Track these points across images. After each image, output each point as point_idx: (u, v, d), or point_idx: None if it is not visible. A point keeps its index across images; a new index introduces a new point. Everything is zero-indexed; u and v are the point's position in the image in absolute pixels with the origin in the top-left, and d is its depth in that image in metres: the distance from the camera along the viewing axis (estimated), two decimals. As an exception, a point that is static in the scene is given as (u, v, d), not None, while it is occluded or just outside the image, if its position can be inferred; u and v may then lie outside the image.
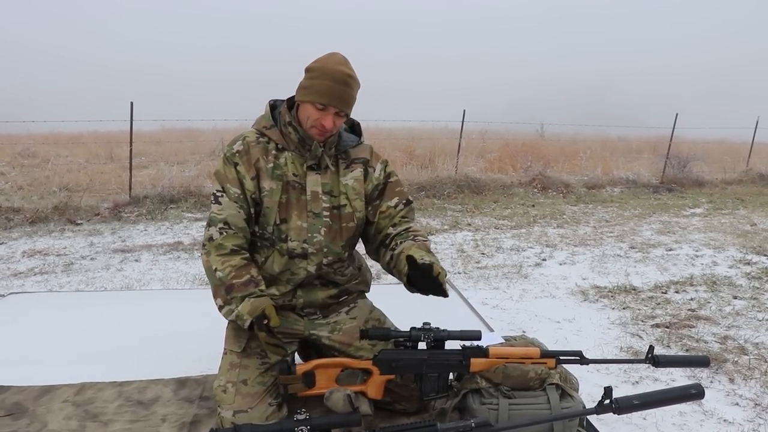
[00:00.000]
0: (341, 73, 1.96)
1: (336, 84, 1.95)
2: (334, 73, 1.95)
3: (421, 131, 14.54)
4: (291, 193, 2.05)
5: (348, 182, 2.12)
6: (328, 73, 1.95)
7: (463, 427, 1.53)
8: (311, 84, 1.97)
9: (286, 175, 2.05)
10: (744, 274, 5.06)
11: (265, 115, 2.13)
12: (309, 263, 2.07)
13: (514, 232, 6.91)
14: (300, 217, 2.05)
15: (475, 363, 1.93)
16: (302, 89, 2.00)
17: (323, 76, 1.95)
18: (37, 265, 5.19)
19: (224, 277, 1.93)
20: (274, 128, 2.09)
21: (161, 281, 4.71)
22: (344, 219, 2.10)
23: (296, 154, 2.07)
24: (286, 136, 2.07)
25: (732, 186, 11.89)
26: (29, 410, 2.14)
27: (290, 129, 2.04)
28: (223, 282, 1.93)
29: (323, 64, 1.98)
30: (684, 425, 2.55)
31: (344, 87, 1.96)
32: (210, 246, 1.99)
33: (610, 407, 1.60)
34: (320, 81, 1.95)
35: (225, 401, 1.95)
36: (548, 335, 3.51)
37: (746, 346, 3.41)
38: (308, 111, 1.98)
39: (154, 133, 15.17)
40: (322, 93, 1.94)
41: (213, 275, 1.95)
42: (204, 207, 8.06)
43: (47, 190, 8.97)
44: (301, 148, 2.06)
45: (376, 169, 2.18)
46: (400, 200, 2.19)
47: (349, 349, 2.13)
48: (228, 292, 1.92)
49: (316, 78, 1.96)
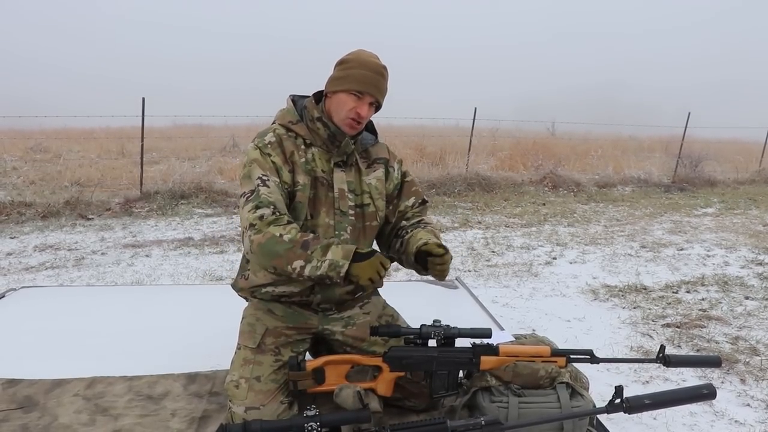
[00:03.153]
0: (377, 64, 2.00)
1: (372, 73, 1.98)
2: (370, 64, 1.99)
3: (432, 129, 14.52)
4: (319, 189, 2.04)
5: (371, 182, 2.12)
6: (364, 63, 1.98)
7: (472, 425, 1.53)
8: (347, 74, 1.98)
9: (315, 171, 2.04)
10: (756, 274, 5.02)
11: (289, 110, 2.12)
12: None
13: (525, 230, 6.89)
14: (328, 215, 2.04)
15: (485, 361, 1.93)
16: (336, 80, 2.01)
17: (359, 66, 1.98)
18: (48, 260, 5.22)
19: (293, 237, 1.84)
20: (301, 123, 2.08)
21: (171, 276, 4.72)
22: (368, 218, 2.11)
23: (323, 151, 2.06)
24: (313, 132, 2.06)
25: (744, 186, 11.81)
26: (40, 403, 2.16)
27: (319, 124, 2.04)
28: (296, 241, 1.83)
29: (357, 56, 2.01)
30: (695, 425, 2.53)
31: (380, 77, 2.00)
32: (261, 223, 1.86)
33: (620, 406, 1.59)
34: (357, 70, 1.97)
35: (237, 397, 1.94)
36: (558, 334, 3.50)
37: (758, 347, 3.39)
38: (342, 100, 1.99)
39: (166, 129, 15.23)
40: (360, 81, 1.96)
41: (278, 242, 1.83)
42: (215, 203, 8.09)
43: (59, 185, 9.03)
44: (330, 144, 2.05)
45: (395, 168, 2.22)
46: (417, 200, 2.24)
47: (362, 345, 2.13)
48: (305, 247, 1.82)
49: (351, 68, 1.98)
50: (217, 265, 5.03)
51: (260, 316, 2.12)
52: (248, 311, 2.18)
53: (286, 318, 2.11)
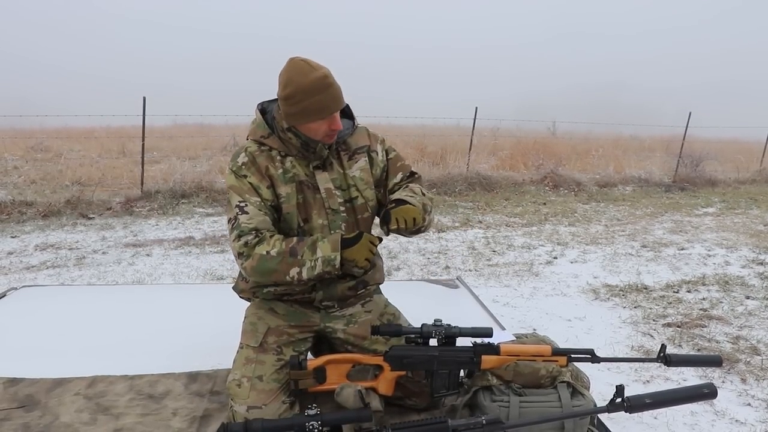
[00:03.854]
0: (318, 81, 1.89)
1: (324, 94, 1.90)
2: (314, 87, 1.88)
3: (433, 128, 14.51)
4: (306, 192, 2.04)
5: (355, 174, 2.11)
6: (308, 89, 1.88)
7: (473, 423, 1.53)
8: (302, 108, 1.91)
9: (298, 176, 2.03)
10: (757, 274, 5.02)
11: (259, 124, 2.08)
12: None
13: (526, 230, 6.90)
14: (320, 216, 2.04)
15: (486, 360, 1.93)
16: (294, 116, 1.94)
17: (307, 95, 1.89)
18: (49, 259, 5.22)
19: (280, 249, 1.88)
20: (273, 136, 2.05)
21: (172, 276, 4.73)
22: (358, 211, 2.10)
23: (299, 158, 2.06)
24: (286, 142, 2.03)
25: (745, 185, 11.81)
26: (41, 402, 2.16)
27: (290, 134, 2.00)
28: (283, 252, 1.87)
29: (297, 85, 1.89)
30: (695, 425, 2.53)
31: (331, 89, 1.91)
32: (248, 249, 1.89)
33: (621, 406, 1.59)
34: (308, 101, 1.89)
35: (239, 396, 1.94)
36: (559, 333, 3.50)
37: (759, 347, 3.39)
38: (313, 128, 1.95)
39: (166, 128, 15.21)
40: (320, 109, 1.91)
41: (267, 259, 1.87)
42: (216, 202, 8.09)
43: (60, 185, 9.03)
44: (305, 152, 2.03)
45: (378, 152, 2.19)
46: (404, 174, 2.21)
47: (363, 343, 2.13)
48: (294, 254, 1.87)
49: (301, 101, 1.90)
50: (218, 265, 5.03)
51: (262, 315, 2.12)
52: (250, 310, 2.18)
53: (288, 317, 2.11)
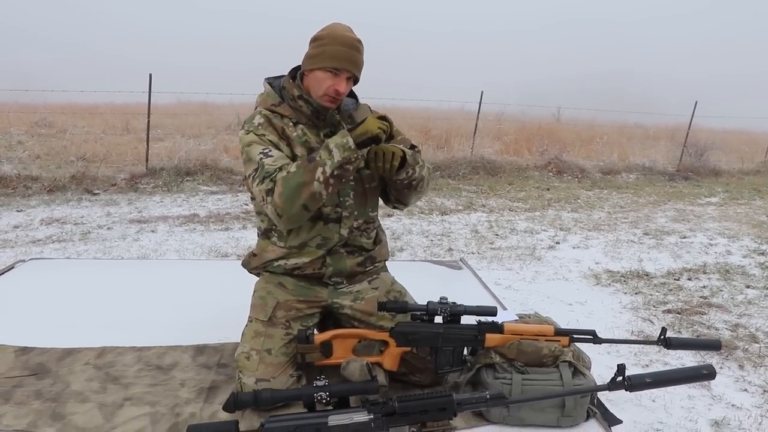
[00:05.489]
0: (351, 39, 1.99)
1: (347, 48, 1.97)
2: (344, 39, 1.97)
3: (437, 111, 14.49)
4: None
5: None
6: (338, 39, 1.97)
7: (477, 398, 1.56)
8: (322, 51, 1.97)
9: (309, 143, 2.06)
10: (758, 263, 5.05)
11: (269, 94, 2.12)
12: (342, 227, 2.11)
13: (528, 214, 6.92)
14: None
15: (490, 338, 1.96)
16: (312, 58, 2.00)
17: (334, 42, 1.96)
18: (54, 233, 5.26)
19: (299, 164, 1.87)
20: (283, 104, 2.09)
21: (177, 252, 4.76)
22: (366, 180, 2.13)
23: (310, 126, 2.09)
24: (296, 110, 2.07)
25: (749, 176, 11.81)
26: (52, 371, 2.20)
27: (301, 102, 2.05)
28: (302, 165, 1.86)
29: (331, 31, 1.99)
30: (692, 408, 2.57)
31: (355, 51, 1.99)
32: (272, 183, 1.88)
33: (622, 384, 1.62)
34: (331, 47, 1.96)
35: (248, 368, 1.98)
36: (560, 317, 3.53)
37: (757, 335, 3.42)
38: (320, 78, 1.99)
39: (170, 106, 15.17)
40: (335, 57, 1.96)
41: (291, 176, 1.86)
42: (220, 180, 8.12)
43: (64, 160, 9.05)
44: (315, 119, 2.07)
45: None
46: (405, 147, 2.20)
47: (370, 319, 2.16)
48: (312, 160, 1.86)
49: (326, 45, 1.97)
50: (222, 242, 5.06)
51: (271, 289, 2.15)
52: (260, 285, 2.21)
53: (297, 291, 2.15)
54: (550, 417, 1.94)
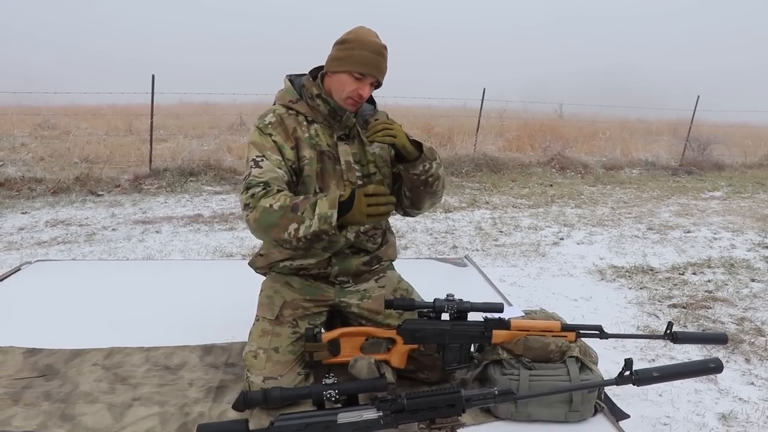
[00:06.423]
0: (377, 44, 2.00)
1: (373, 54, 1.99)
2: (370, 44, 1.99)
3: (440, 109, 14.47)
4: (326, 162, 2.07)
5: (375, 150, 2.14)
6: (365, 44, 1.98)
7: (486, 394, 1.57)
8: (348, 54, 1.98)
9: (320, 145, 2.07)
10: (762, 257, 5.05)
11: (288, 90, 2.14)
12: (349, 231, 2.11)
13: (532, 211, 6.92)
14: (338, 187, 2.07)
15: (497, 335, 1.96)
16: (337, 60, 2.01)
17: (360, 46, 1.98)
18: (59, 235, 5.27)
19: (284, 204, 1.82)
20: (301, 101, 2.10)
21: (182, 252, 4.77)
22: None
23: (324, 126, 2.09)
24: (314, 109, 2.08)
25: (752, 170, 11.78)
26: (60, 372, 2.20)
27: (319, 101, 2.06)
28: (286, 207, 1.82)
29: (357, 35, 2.00)
30: (699, 402, 2.58)
31: (380, 57, 2.01)
32: (254, 201, 1.86)
33: (630, 378, 1.62)
34: (358, 51, 1.97)
35: (255, 367, 1.99)
36: (565, 313, 3.52)
37: (763, 328, 3.43)
38: (343, 81, 2.00)
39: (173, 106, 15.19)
40: (362, 63, 1.97)
41: (270, 212, 1.82)
42: (224, 180, 8.13)
43: (68, 162, 9.07)
44: (331, 120, 2.08)
45: None
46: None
47: (377, 317, 2.17)
48: (295, 210, 1.80)
49: (352, 49, 1.98)
50: (227, 242, 5.07)
51: (278, 288, 2.16)
52: (266, 284, 2.22)
53: (304, 290, 2.16)
54: (557, 412, 1.94)
